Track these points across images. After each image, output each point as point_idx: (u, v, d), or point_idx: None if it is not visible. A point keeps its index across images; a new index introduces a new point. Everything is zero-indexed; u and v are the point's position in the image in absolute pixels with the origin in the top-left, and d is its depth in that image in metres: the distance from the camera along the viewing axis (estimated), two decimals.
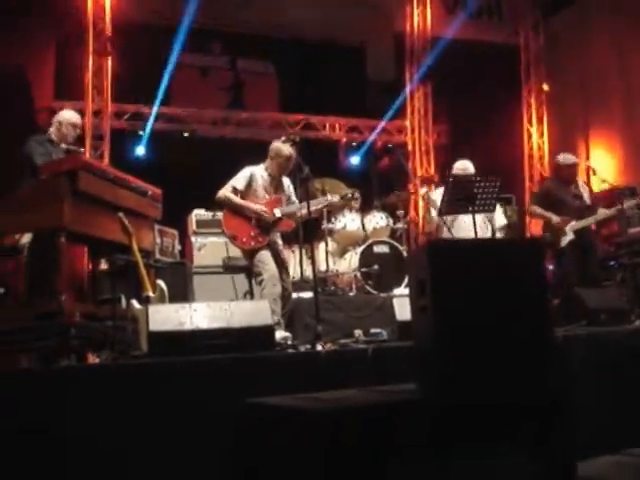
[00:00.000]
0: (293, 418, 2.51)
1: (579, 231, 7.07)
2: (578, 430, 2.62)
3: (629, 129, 11.04)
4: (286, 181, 6.31)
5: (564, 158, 7.54)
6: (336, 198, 6.60)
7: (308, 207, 5.48)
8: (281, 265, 6.02)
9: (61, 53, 9.73)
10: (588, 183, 8.83)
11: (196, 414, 3.46)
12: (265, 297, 5.61)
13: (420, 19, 12.27)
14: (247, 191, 6.08)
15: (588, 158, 11.51)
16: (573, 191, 7.29)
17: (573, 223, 7.06)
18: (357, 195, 7.00)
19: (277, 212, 6.06)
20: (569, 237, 7.02)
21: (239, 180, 6.08)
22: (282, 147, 6.14)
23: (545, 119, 12.65)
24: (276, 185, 6.24)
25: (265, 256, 5.91)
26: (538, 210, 7.37)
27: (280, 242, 6.24)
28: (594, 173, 8.39)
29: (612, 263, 8.49)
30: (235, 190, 6.04)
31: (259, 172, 6.17)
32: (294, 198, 6.23)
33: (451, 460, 2.35)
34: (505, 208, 9.72)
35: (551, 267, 7.77)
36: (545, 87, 12.55)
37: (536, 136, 12.62)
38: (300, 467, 2.39)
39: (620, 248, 8.09)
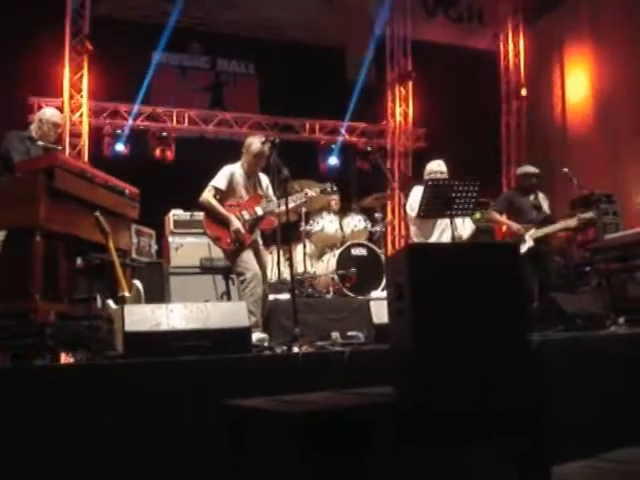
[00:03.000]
0: (269, 420, 2.50)
1: (538, 239, 7.15)
2: (553, 434, 2.63)
3: (607, 135, 11.13)
4: (264, 179, 6.28)
5: (522, 168, 7.82)
6: (315, 192, 6.58)
7: (286, 203, 5.45)
8: (261, 266, 5.99)
9: (39, 50, 9.63)
10: (569, 189, 8.91)
11: (171, 416, 3.44)
12: (246, 298, 5.58)
13: (400, 22, 12.30)
14: (228, 190, 6.04)
15: (565, 165, 11.58)
16: (532, 202, 7.41)
17: (533, 231, 7.16)
18: (335, 188, 6.98)
19: (259, 210, 6.03)
20: (528, 244, 7.11)
21: (220, 180, 6.03)
22: (253, 142, 6.12)
23: (523, 124, 12.74)
24: (254, 183, 6.21)
25: (248, 256, 5.88)
26: (497, 216, 7.47)
27: (261, 242, 6.21)
28: (571, 179, 8.44)
29: (588, 269, 8.56)
30: (217, 190, 6.00)
31: (237, 170, 6.14)
32: (272, 196, 6.20)
33: (426, 463, 2.35)
34: (482, 213, 9.78)
35: None
36: (523, 92, 12.63)
37: (514, 141, 12.70)
38: (276, 469, 2.38)
39: (596, 254, 8.15)
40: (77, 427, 3.26)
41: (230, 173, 6.08)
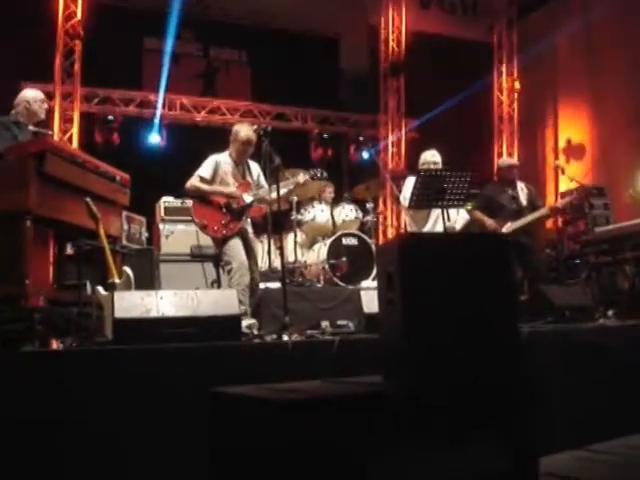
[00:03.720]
0: (258, 408, 2.49)
1: (517, 231, 7.10)
2: (541, 425, 2.64)
3: (598, 128, 11.17)
4: (255, 167, 6.27)
5: (503, 160, 7.87)
6: (305, 178, 6.57)
7: (278, 191, 5.46)
8: (250, 254, 5.99)
9: (31, 34, 9.55)
10: (556, 182, 8.94)
11: (160, 403, 3.44)
12: (233, 286, 5.60)
13: (394, 13, 12.28)
14: (214, 179, 6.05)
15: (557, 157, 11.63)
16: (511, 194, 7.34)
17: (509, 224, 7.11)
18: (325, 174, 6.93)
19: (247, 197, 6.02)
20: None
21: (205, 169, 6.05)
22: (240, 130, 6.12)
23: (516, 117, 12.75)
24: (243, 171, 6.20)
25: (235, 245, 5.88)
26: (478, 215, 7.41)
27: (251, 230, 6.21)
28: (562, 172, 8.46)
29: (578, 261, 8.59)
30: (202, 179, 6.01)
31: (224, 159, 6.14)
32: (264, 183, 6.19)
33: (416, 452, 2.35)
34: (473, 204, 9.78)
35: None
36: (517, 85, 12.63)
37: (506, 133, 12.71)
38: (264, 457, 2.38)
39: (586, 247, 8.17)
40: (67, 412, 3.25)
41: (215, 162, 6.09)
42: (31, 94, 5.57)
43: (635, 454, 3.11)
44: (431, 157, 7.03)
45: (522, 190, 7.42)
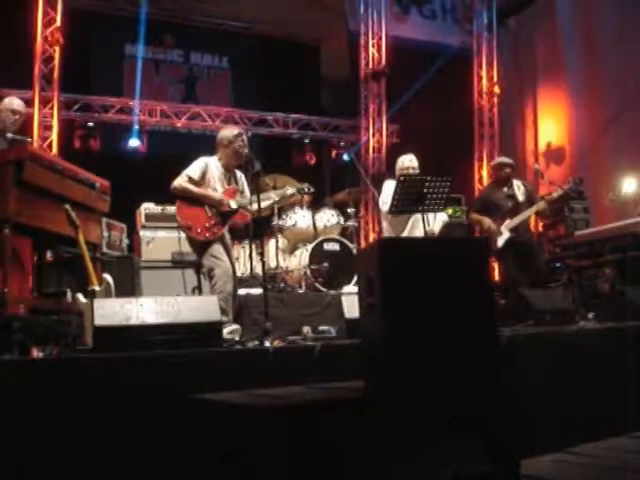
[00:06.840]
0: (240, 414, 2.49)
1: (516, 229, 7.21)
2: (522, 428, 2.65)
3: (578, 132, 11.25)
4: (240, 176, 6.24)
5: (496, 160, 8.02)
6: (292, 191, 6.54)
7: (258, 200, 5.42)
8: (231, 261, 5.95)
9: (10, 40, 9.51)
10: (535, 183, 9.00)
11: (141, 410, 3.42)
12: (216, 293, 5.54)
13: (374, 19, 12.33)
14: (202, 182, 5.95)
15: (537, 161, 11.69)
16: (506, 192, 7.46)
17: (508, 221, 7.21)
18: (312, 189, 6.92)
19: (232, 203, 5.97)
20: (505, 236, 7.19)
21: (194, 170, 5.93)
22: (229, 132, 6.08)
23: (495, 122, 12.82)
24: (230, 178, 6.15)
25: (218, 250, 5.78)
26: (477, 216, 7.51)
27: (228, 236, 6.15)
28: (542, 176, 8.53)
29: (558, 265, 8.64)
30: (190, 180, 5.90)
31: (213, 163, 6.04)
32: (247, 192, 6.16)
33: (398, 456, 2.36)
34: (454, 209, 9.85)
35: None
36: (497, 90, 12.70)
37: (487, 138, 12.77)
38: (247, 463, 2.38)
39: (566, 250, 8.23)
40: (47, 421, 3.23)
41: (205, 164, 5.98)
42: (4, 103, 5.54)
43: (616, 456, 3.12)
44: (409, 162, 7.08)
45: (519, 188, 7.53)
